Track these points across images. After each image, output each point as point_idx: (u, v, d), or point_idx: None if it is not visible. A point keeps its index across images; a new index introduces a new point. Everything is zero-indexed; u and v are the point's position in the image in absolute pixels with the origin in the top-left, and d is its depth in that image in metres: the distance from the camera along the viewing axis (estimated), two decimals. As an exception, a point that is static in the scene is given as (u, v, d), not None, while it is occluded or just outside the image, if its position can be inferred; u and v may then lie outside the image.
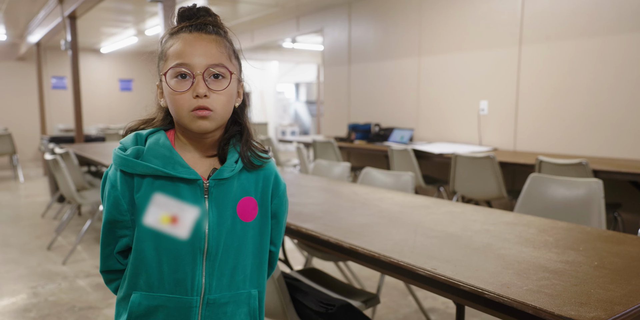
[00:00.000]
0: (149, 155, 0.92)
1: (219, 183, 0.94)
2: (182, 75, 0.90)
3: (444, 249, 1.39)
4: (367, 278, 3.15)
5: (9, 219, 4.92)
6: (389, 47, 5.33)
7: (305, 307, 1.60)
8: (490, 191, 3.41)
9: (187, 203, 0.92)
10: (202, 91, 0.89)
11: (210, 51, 0.91)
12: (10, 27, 8.06)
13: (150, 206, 0.91)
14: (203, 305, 0.94)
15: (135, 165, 0.91)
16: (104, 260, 0.98)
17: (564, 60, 3.74)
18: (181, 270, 0.92)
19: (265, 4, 6.00)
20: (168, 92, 0.92)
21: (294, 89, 13.73)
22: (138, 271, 0.93)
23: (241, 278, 0.98)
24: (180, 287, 0.92)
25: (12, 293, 2.96)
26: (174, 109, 0.92)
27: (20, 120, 9.58)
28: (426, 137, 4.96)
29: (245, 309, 0.99)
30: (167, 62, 0.92)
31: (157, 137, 0.95)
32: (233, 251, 0.96)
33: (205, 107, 0.90)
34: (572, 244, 1.42)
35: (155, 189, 0.91)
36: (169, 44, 0.94)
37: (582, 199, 2.21)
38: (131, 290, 0.94)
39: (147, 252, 0.92)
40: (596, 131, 3.59)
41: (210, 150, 0.99)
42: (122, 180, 0.92)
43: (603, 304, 0.99)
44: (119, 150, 0.94)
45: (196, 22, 0.94)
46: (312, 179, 2.78)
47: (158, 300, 0.93)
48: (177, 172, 0.91)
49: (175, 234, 0.91)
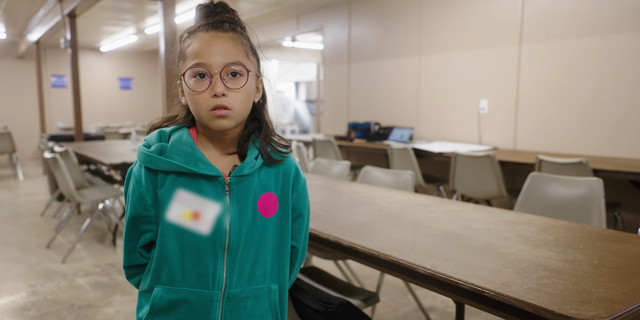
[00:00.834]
0: (172, 152, 0.94)
1: (240, 179, 0.96)
2: (200, 75, 0.92)
3: (443, 247, 1.39)
4: (367, 277, 3.15)
5: (8, 217, 4.92)
6: (389, 46, 5.33)
7: (304, 306, 1.60)
8: (490, 190, 3.40)
9: (209, 199, 0.93)
10: (220, 90, 0.90)
11: (227, 49, 0.92)
12: (10, 26, 8.05)
13: (173, 202, 0.93)
14: (224, 299, 0.95)
15: (158, 162, 0.93)
16: (128, 255, 1.00)
17: (564, 59, 3.74)
18: (203, 265, 0.94)
19: (265, 3, 5.99)
20: (187, 92, 0.93)
21: (294, 87, 13.72)
22: (161, 265, 0.95)
23: (261, 273, 0.99)
24: (201, 281, 0.94)
25: (12, 291, 2.96)
26: (193, 108, 0.94)
27: (19, 119, 9.57)
28: (426, 136, 4.95)
29: (266, 304, 1.00)
30: (186, 62, 0.94)
31: (180, 134, 0.97)
32: (253, 246, 0.97)
33: (223, 106, 0.91)
34: (572, 243, 1.42)
35: (178, 185, 0.93)
36: (187, 44, 0.95)
37: (582, 198, 2.20)
38: (154, 284, 0.96)
39: (170, 246, 0.94)
40: (596, 130, 3.59)
41: (231, 147, 1.00)
42: (147, 176, 0.94)
43: (603, 303, 0.99)
44: (143, 147, 0.96)
45: (213, 20, 0.95)
46: (312, 178, 2.78)
47: (180, 294, 0.94)
48: (199, 169, 0.92)
49: (197, 229, 0.93)
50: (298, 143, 4.74)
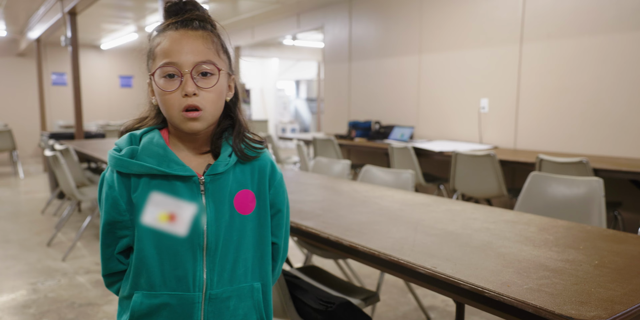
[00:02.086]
0: (144, 154, 0.92)
1: (215, 178, 0.94)
2: (170, 75, 0.90)
3: (444, 247, 1.39)
4: (367, 276, 3.15)
5: (8, 215, 4.92)
6: (389, 45, 5.32)
7: (305, 305, 1.60)
8: (491, 189, 3.40)
9: (183, 200, 0.92)
10: (191, 90, 0.89)
11: (198, 48, 0.91)
12: (11, 23, 8.04)
13: (148, 205, 0.91)
14: (205, 300, 0.94)
15: (130, 165, 0.91)
16: (106, 263, 0.98)
17: (565, 58, 3.73)
18: (182, 267, 0.92)
19: (266, 1, 5.99)
20: (157, 92, 0.92)
21: (295, 86, 13.72)
22: (139, 271, 0.93)
23: (242, 271, 0.98)
24: (181, 284, 0.93)
25: (12, 289, 2.96)
26: (164, 109, 0.92)
27: (20, 117, 9.57)
28: (426, 135, 4.95)
29: (249, 302, 0.99)
30: (155, 61, 0.92)
31: (151, 136, 0.95)
32: (233, 245, 0.96)
33: (195, 107, 0.90)
34: (573, 243, 1.42)
35: (152, 188, 0.92)
36: (156, 42, 0.93)
37: (583, 197, 2.20)
38: (133, 290, 0.95)
39: (147, 250, 0.92)
40: (597, 129, 3.59)
41: (204, 146, 0.99)
42: (119, 180, 0.93)
43: (603, 303, 0.99)
44: (114, 151, 0.94)
45: (182, 18, 0.93)
46: (312, 177, 2.78)
47: (160, 299, 0.93)
48: (172, 170, 0.91)
49: (174, 231, 0.92)
50: (298, 141, 4.74)
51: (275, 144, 5.91)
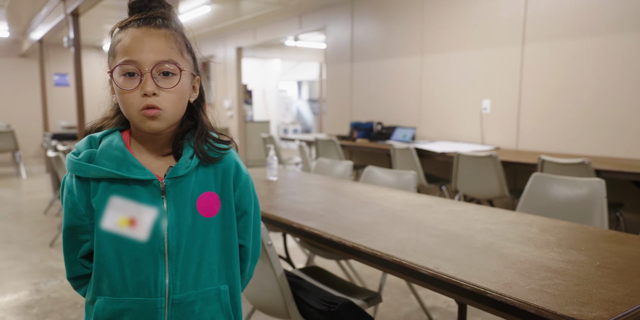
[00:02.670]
0: (102, 158, 0.90)
1: (176, 181, 0.92)
2: (129, 73, 0.88)
3: (446, 248, 1.39)
4: (369, 276, 3.16)
5: (11, 215, 4.94)
6: (391, 46, 5.33)
7: (307, 306, 1.61)
8: (493, 190, 3.41)
9: (143, 204, 0.90)
10: (150, 90, 0.87)
11: (159, 47, 0.88)
12: (13, 24, 8.07)
13: (107, 210, 0.90)
14: (169, 305, 0.92)
15: (87, 169, 0.89)
16: (70, 267, 0.97)
17: (567, 59, 3.74)
18: (143, 273, 0.91)
19: (268, 2, 6.00)
20: (117, 90, 0.90)
21: (297, 87, 13.72)
22: (100, 276, 0.92)
23: (208, 275, 0.96)
24: (143, 289, 0.91)
25: (15, 289, 2.97)
26: (123, 108, 0.90)
27: (22, 117, 9.60)
28: (428, 136, 4.95)
29: (216, 306, 0.97)
30: (115, 59, 0.90)
31: (111, 139, 0.93)
32: (196, 249, 0.94)
33: (154, 106, 0.87)
34: (575, 244, 1.43)
35: (112, 193, 0.90)
36: (117, 39, 0.91)
37: (585, 198, 2.21)
38: (96, 295, 0.94)
39: (108, 256, 0.91)
40: (599, 130, 3.59)
41: (166, 147, 0.97)
42: (78, 185, 0.91)
43: (605, 304, 0.99)
44: (72, 155, 0.91)
45: (146, 15, 0.91)
46: (314, 178, 2.78)
47: (122, 304, 0.91)
48: (131, 174, 0.89)
49: (134, 236, 0.90)
50: (300, 142, 4.75)
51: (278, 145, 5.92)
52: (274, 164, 2.68)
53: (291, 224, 1.71)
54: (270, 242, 1.50)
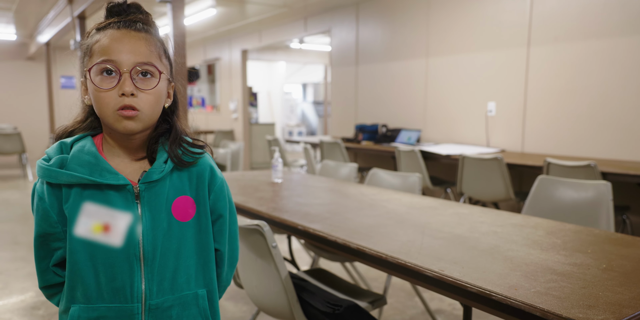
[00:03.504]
0: (74, 163, 0.89)
1: (150, 186, 0.92)
2: (107, 72, 0.87)
3: (451, 250, 1.39)
4: (374, 279, 3.15)
5: (18, 217, 4.96)
6: (396, 48, 5.33)
7: (312, 308, 1.61)
8: (498, 193, 3.40)
9: (117, 210, 0.89)
10: (129, 89, 0.86)
11: (139, 49, 0.89)
12: (20, 27, 8.13)
13: (80, 216, 0.88)
14: (145, 311, 0.92)
15: (59, 175, 0.88)
16: (42, 276, 0.96)
17: (573, 61, 3.73)
18: (119, 279, 0.90)
19: (273, 5, 6.02)
20: (92, 89, 0.88)
21: (302, 89, 13.75)
22: (74, 284, 0.91)
23: (184, 279, 0.96)
24: (119, 295, 0.90)
25: (21, 291, 2.99)
26: (98, 108, 0.89)
27: (29, 120, 9.66)
28: (433, 138, 4.95)
29: (194, 310, 0.97)
30: (92, 58, 0.89)
31: (83, 144, 0.92)
32: (172, 253, 0.94)
33: (131, 107, 0.87)
34: (580, 247, 1.42)
35: (84, 199, 0.88)
36: (95, 39, 0.90)
37: (591, 201, 2.20)
38: (70, 303, 0.92)
39: (82, 263, 0.89)
40: (605, 133, 3.57)
41: (140, 151, 0.96)
42: (49, 191, 0.89)
43: (611, 307, 0.99)
44: (43, 160, 0.90)
45: (126, 19, 0.91)
46: (319, 180, 2.79)
47: (98, 312, 0.90)
48: (104, 179, 0.88)
49: (108, 242, 0.89)
50: (305, 145, 4.75)
51: (282, 147, 5.93)
52: (279, 166, 2.68)
53: (296, 226, 1.71)
54: (274, 244, 1.50)
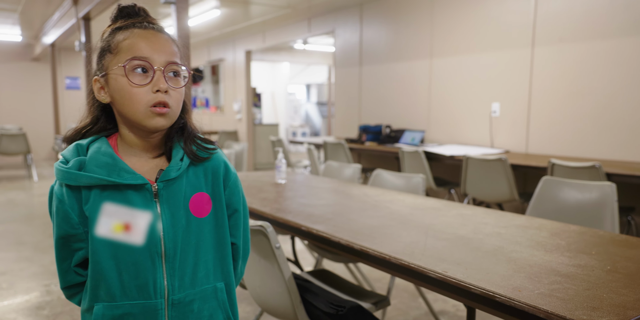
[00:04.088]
0: (92, 165, 0.90)
1: (168, 184, 0.93)
2: (140, 69, 0.89)
3: (454, 251, 1.39)
4: (378, 280, 3.15)
5: (23, 217, 4.99)
6: (400, 49, 5.33)
7: (315, 308, 1.61)
8: (502, 194, 3.39)
9: (137, 209, 0.91)
10: (164, 86, 0.89)
11: (169, 49, 0.92)
12: (26, 28, 8.17)
13: (101, 217, 0.89)
14: (169, 306, 0.93)
15: (78, 177, 0.89)
16: (63, 276, 0.97)
17: (577, 62, 3.71)
18: (142, 276, 0.91)
19: (277, 6, 6.02)
20: (123, 86, 0.89)
21: (305, 90, 13.75)
22: (97, 283, 0.92)
23: (204, 274, 0.97)
24: (143, 292, 0.92)
25: (26, 291, 3.00)
26: (128, 104, 0.89)
27: (34, 120, 9.70)
28: (437, 139, 4.94)
29: (214, 303, 0.99)
30: (120, 55, 0.90)
31: (99, 146, 0.93)
32: (192, 249, 0.95)
33: (165, 103, 0.89)
34: (585, 248, 1.42)
35: (104, 199, 0.90)
36: (121, 38, 0.91)
37: (595, 202, 2.19)
38: (93, 302, 0.93)
39: (105, 262, 0.90)
40: (610, 134, 3.56)
41: (156, 150, 0.97)
42: (69, 193, 0.90)
43: (615, 309, 0.99)
44: (60, 163, 0.91)
45: (147, 20, 0.94)
46: (323, 181, 2.79)
47: (122, 309, 0.92)
48: (123, 179, 0.89)
49: (130, 241, 0.90)
50: (309, 145, 4.75)
51: (286, 148, 5.93)
52: (283, 167, 2.68)
53: (299, 227, 1.71)
54: (278, 245, 1.51)
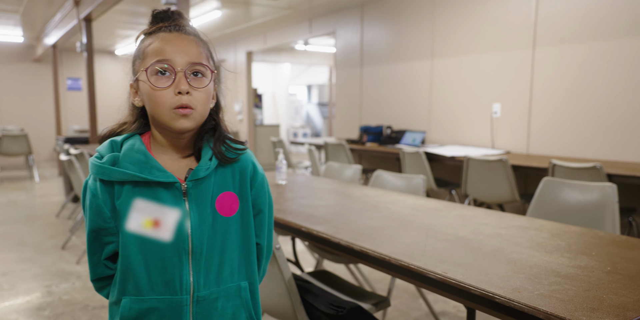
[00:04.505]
0: (125, 161, 0.93)
1: (197, 183, 0.95)
2: (162, 72, 0.91)
3: (454, 252, 1.39)
4: (378, 281, 3.15)
5: (24, 218, 4.99)
6: (401, 50, 5.33)
7: (315, 309, 1.61)
8: (503, 195, 3.38)
9: (167, 206, 0.93)
10: (185, 88, 0.90)
11: (191, 50, 0.93)
12: (27, 29, 8.18)
13: (132, 212, 0.92)
14: (193, 303, 0.95)
15: (112, 173, 0.92)
16: (94, 269, 0.99)
17: (578, 62, 3.71)
18: (169, 272, 0.93)
19: (278, 7, 6.03)
20: (147, 90, 0.92)
21: (306, 91, 13.76)
22: (126, 277, 0.94)
23: (229, 272, 0.99)
24: (169, 288, 0.94)
25: (27, 292, 3.00)
26: (153, 107, 0.92)
27: (36, 121, 9.71)
28: (438, 140, 4.94)
29: (237, 302, 1.00)
30: (145, 60, 0.93)
31: (132, 143, 0.96)
32: (218, 248, 0.97)
33: (187, 106, 0.91)
34: (585, 249, 1.41)
35: (135, 195, 0.92)
36: (148, 43, 0.94)
37: (596, 203, 2.19)
38: (121, 295, 0.96)
39: (133, 257, 0.93)
40: (611, 135, 3.55)
41: (186, 149, 1.00)
42: (102, 188, 0.93)
43: (615, 310, 0.99)
44: (95, 158, 0.94)
45: (175, 23, 0.96)
46: (324, 181, 2.79)
47: (148, 303, 0.94)
48: (154, 177, 0.92)
49: (159, 237, 0.93)
50: (310, 146, 4.75)
51: (287, 149, 5.94)
52: (283, 167, 2.69)
53: (300, 228, 1.72)
54: (278, 246, 1.51)
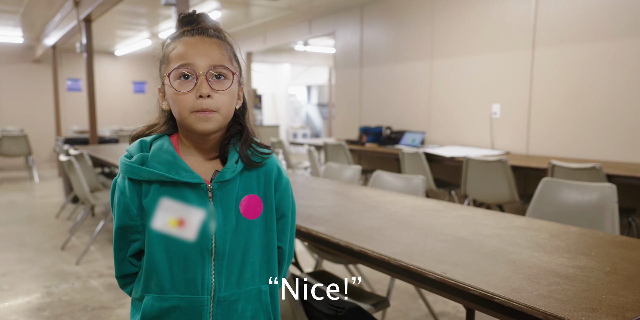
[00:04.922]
0: (153, 161, 0.95)
1: (222, 185, 0.97)
2: (185, 76, 0.92)
3: (454, 253, 1.39)
4: (377, 281, 3.15)
5: (24, 219, 4.99)
6: (401, 50, 5.33)
7: (315, 310, 1.61)
8: (502, 195, 3.39)
9: (193, 206, 0.94)
10: (205, 91, 0.91)
11: (212, 53, 0.94)
12: (27, 30, 8.18)
13: (158, 211, 0.94)
14: (214, 303, 0.96)
15: (140, 172, 0.94)
16: (119, 265, 1.01)
17: (578, 63, 3.71)
18: (191, 271, 0.95)
19: (278, 7, 6.03)
20: (171, 94, 0.94)
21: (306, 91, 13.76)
22: (149, 274, 0.96)
23: (250, 275, 1.00)
24: (190, 287, 0.95)
25: (27, 292, 3.00)
26: (177, 110, 0.94)
27: (35, 122, 9.71)
28: (438, 141, 4.94)
29: (257, 305, 1.01)
30: (170, 65, 0.95)
31: (161, 143, 0.98)
32: (240, 249, 0.98)
33: (207, 109, 0.92)
34: (584, 249, 1.41)
35: (162, 194, 0.94)
36: (171, 48, 0.96)
37: (595, 203, 2.19)
38: (144, 292, 0.97)
39: (157, 255, 0.95)
40: (610, 135, 3.55)
41: (213, 152, 1.01)
42: (130, 186, 0.95)
43: (614, 310, 0.99)
44: (125, 157, 0.97)
45: (198, 26, 0.97)
46: (323, 182, 2.79)
47: (170, 302, 0.95)
48: (181, 177, 0.93)
49: (183, 236, 0.94)
50: (309, 147, 4.75)
51: (287, 149, 5.94)
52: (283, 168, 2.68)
53: (299, 228, 1.72)
54: (278, 246, 1.51)
